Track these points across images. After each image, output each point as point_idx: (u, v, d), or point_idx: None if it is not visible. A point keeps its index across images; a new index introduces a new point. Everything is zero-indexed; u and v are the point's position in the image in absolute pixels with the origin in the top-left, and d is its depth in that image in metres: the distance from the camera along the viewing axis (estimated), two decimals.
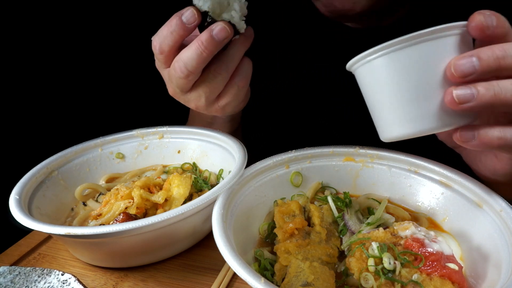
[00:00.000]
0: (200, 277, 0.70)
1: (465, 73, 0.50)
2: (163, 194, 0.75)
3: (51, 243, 0.81)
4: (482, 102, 0.49)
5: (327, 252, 0.63)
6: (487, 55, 0.49)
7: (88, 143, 0.92)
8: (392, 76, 0.55)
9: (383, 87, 0.56)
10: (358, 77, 0.61)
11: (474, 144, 0.52)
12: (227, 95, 0.75)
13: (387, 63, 0.55)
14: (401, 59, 0.54)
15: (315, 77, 1.03)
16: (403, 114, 0.55)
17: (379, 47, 0.54)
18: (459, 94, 0.50)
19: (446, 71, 0.51)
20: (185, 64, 0.67)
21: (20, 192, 0.74)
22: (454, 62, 0.51)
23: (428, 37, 0.52)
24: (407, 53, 0.53)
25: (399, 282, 0.55)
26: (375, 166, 0.79)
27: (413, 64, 0.53)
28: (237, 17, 0.68)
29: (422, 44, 0.52)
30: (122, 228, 0.61)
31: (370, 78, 0.58)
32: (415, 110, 0.54)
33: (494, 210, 0.63)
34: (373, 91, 0.59)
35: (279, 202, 0.74)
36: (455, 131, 0.54)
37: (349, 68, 0.62)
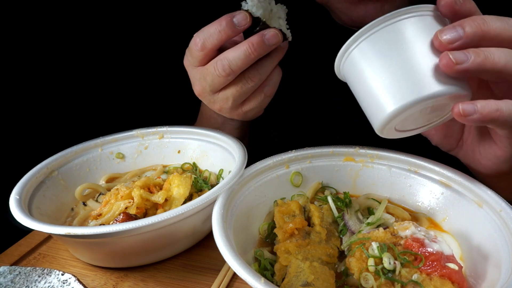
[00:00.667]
0: (200, 277, 0.70)
1: (452, 39, 0.52)
2: (163, 194, 0.75)
3: (51, 243, 0.81)
4: (475, 64, 0.51)
5: (327, 252, 0.63)
6: (469, 23, 0.52)
7: (88, 143, 0.92)
8: (377, 56, 0.56)
9: (369, 71, 0.57)
10: (346, 75, 0.62)
11: (475, 118, 0.54)
12: (253, 101, 0.78)
13: (367, 47, 0.56)
14: (379, 40, 0.55)
15: (315, 77, 1.03)
16: (394, 89, 0.55)
17: (356, 35, 0.56)
18: (456, 56, 0.52)
19: (433, 41, 0.53)
20: (229, 63, 0.69)
21: (20, 192, 0.74)
22: (440, 31, 0.53)
23: (403, 16, 0.54)
24: (384, 34, 0.55)
25: (399, 282, 0.55)
26: (375, 166, 0.79)
27: (394, 41, 0.55)
28: (284, 25, 0.72)
29: (398, 23, 0.54)
30: (122, 228, 0.61)
31: (355, 69, 0.59)
32: (405, 84, 0.54)
33: (494, 210, 0.63)
34: (361, 80, 0.58)
35: (279, 202, 0.74)
36: (456, 107, 0.54)
37: (337, 72, 0.63)
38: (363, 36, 0.56)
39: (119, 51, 1.68)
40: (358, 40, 0.56)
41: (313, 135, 1.06)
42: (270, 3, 0.70)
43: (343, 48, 0.58)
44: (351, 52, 0.58)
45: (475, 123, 0.56)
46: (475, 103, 0.54)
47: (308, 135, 1.07)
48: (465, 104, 0.54)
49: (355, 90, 0.61)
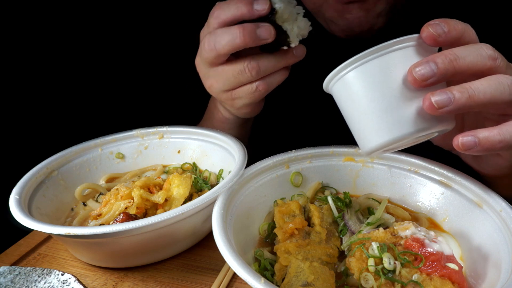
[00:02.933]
0: (200, 277, 0.70)
1: (425, 76, 0.51)
2: (163, 194, 0.75)
3: (51, 243, 0.81)
4: (459, 104, 0.51)
5: (327, 252, 0.63)
6: (441, 59, 0.51)
7: (88, 143, 0.92)
8: (364, 87, 0.56)
9: (359, 99, 0.57)
10: (335, 94, 0.62)
11: (477, 150, 0.53)
12: (242, 89, 0.76)
13: (358, 75, 0.56)
14: (370, 70, 0.55)
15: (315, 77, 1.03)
16: (380, 122, 0.56)
17: (349, 62, 0.56)
18: (437, 99, 0.51)
19: (408, 77, 0.53)
20: (215, 41, 0.69)
21: (20, 192, 0.74)
22: (413, 68, 0.52)
23: (392, 48, 0.54)
24: (375, 64, 0.55)
25: (399, 282, 0.55)
26: (375, 166, 0.79)
27: (382, 74, 0.55)
28: (295, 32, 0.70)
29: (387, 55, 0.54)
30: (122, 228, 0.61)
31: (345, 93, 0.59)
32: (391, 118, 0.55)
33: (494, 210, 0.63)
34: (350, 104, 0.60)
35: (279, 202, 0.74)
36: (456, 140, 0.53)
37: (325, 88, 0.63)
38: (356, 63, 0.56)
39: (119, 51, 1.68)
40: (351, 66, 0.56)
41: (313, 135, 1.06)
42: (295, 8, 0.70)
43: (336, 69, 0.59)
44: (343, 75, 0.58)
45: (479, 154, 0.55)
46: (475, 135, 0.52)
47: (308, 135, 1.07)
48: (465, 137, 0.53)
49: (343, 110, 0.62)
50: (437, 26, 0.53)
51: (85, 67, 1.64)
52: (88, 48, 1.63)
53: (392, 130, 0.55)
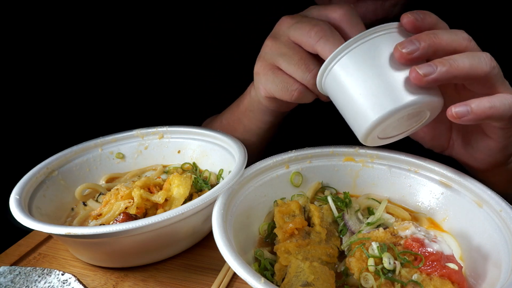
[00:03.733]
0: (200, 277, 0.70)
1: (410, 50, 0.56)
2: (163, 194, 0.75)
3: (51, 243, 0.81)
4: (442, 73, 0.55)
5: (327, 252, 0.63)
6: (422, 36, 0.57)
7: (88, 143, 0.92)
8: (351, 74, 0.60)
9: (348, 87, 0.61)
10: (328, 91, 0.65)
11: (470, 118, 0.56)
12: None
13: (344, 65, 0.61)
14: (354, 58, 0.60)
15: None
16: (371, 102, 0.59)
17: (333, 55, 0.60)
18: (423, 69, 0.55)
19: (394, 54, 0.57)
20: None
21: (20, 192, 0.74)
22: (399, 45, 0.57)
23: (374, 35, 0.59)
24: (358, 51, 0.59)
25: (399, 282, 0.55)
26: (375, 166, 0.79)
27: (366, 59, 0.59)
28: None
29: (369, 41, 0.59)
30: (122, 228, 0.61)
31: (335, 85, 0.63)
32: (381, 96, 0.58)
33: (494, 210, 0.63)
34: (342, 95, 0.62)
35: (279, 202, 0.74)
36: (449, 110, 0.57)
37: (319, 88, 0.66)
38: (342, 53, 0.60)
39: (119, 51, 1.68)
40: (338, 57, 0.60)
41: (313, 135, 1.06)
42: None
43: (324, 64, 0.62)
44: (332, 68, 0.62)
45: (470, 123, 0.58)
46: (468, 104, 0.56)
47: (308, 135, 1.06)
48: (458, 106, 0.57)
49: (337, 103, 0.65)
50: (415, 14, 0.59)
51: (85, 67, 1.64)
52: (88, 48, 1.63)
53: (383, 106, 0.58)
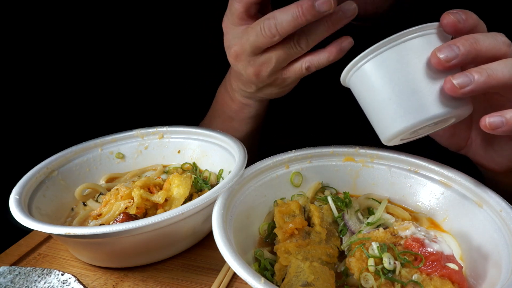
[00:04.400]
0: (200, 277, 0.70)
1: (449, 57, 0.54)
2: (163, 194, 0.75)
3: (51, 243, 0.81)
4: (479, 84, 0.53)
5: (327, 252, 0.63)
6: (461, 42, 0.54)
7: (88, 143, 0.92)
8: (383, 76, 0.58)
9: (377, 88, 0.59)
10: (353, 87, 0.63)
11: (504, 129, 0.55)
12: (293, 69, 0.72)
13: (376, 66, 0.58)
14: (387, 60, 0.57)
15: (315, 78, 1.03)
16: (401, 108, 0.57)
17: (365, 53, 0.58)
18: (458, 80, 0.53)
19: (431, 60, 0.55)
20: (276, 24, 0.65)
21: (20, 192, 0.74)
22: (436, 51, 0.55)
23: (409, 36, 0.56)
24: (393, 53, 0.57)
25: (399, 282, 0.55)
26: (375, 166, 0.79)
27: (400, 62, 0.57)
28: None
29: (404, 44, 0.56)
30: (122, 228, 0.61)
31: (363, 84, 0.61)
32: (412, 103, 0.56)
33: (494, 210, 0.63)
34: (369, 95, 0.61)
35: (279, 202, 0.74)
36: (483, 120, 0.55)
37: (342, 81, 0.64)
38: (376, 52, 0.57)
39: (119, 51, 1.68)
40: (371, 55, 0.58)
41: (313, 135, 1.06)
42: None
43: (354, 60, 0.60)
44: (362, 65, 0.59)
45: (504, 134, 0.56)
46: (502, 115, 0.54)
47: (308, 135, 1.07)
48: (492, 117, 0.55)
49: (362, 102, 0.63)
50: (457, 14, 0.56)
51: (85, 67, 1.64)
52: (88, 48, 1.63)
53: (413, 114, 0.56)
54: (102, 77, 1.68)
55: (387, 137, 0.61)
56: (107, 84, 1.69)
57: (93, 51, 1.65)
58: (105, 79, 1.68)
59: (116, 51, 1.68)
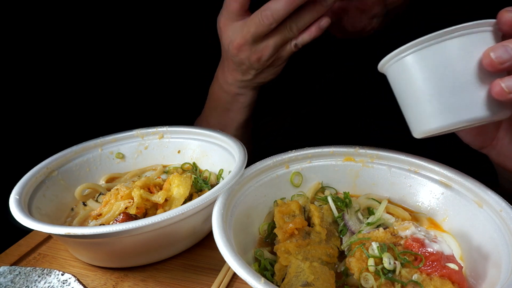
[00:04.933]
0: (200, 277, 0.70)
1: (503, 59, 0.51)
2: (163, 194, 0.75)
3: (51, 243, 0.81)
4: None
5: (327, 252, 0.63)
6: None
7: (88, 143, 0.92)
8: (426, 71, 0.56)
9: (419, 81, 0.57)
10: (390, 76, 0.62)
11: None
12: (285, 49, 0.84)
13: (419, 59, 0.56)
14: (434, 54, 0.55)
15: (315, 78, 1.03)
16: (442, 105, 0.55)
17: (410, 45, 0.56)
18: (508, 83, 0.51)
19: (483, 61, 0.53)
20: (272, 13, 0.76)
21: (20, 192, 0.74)
22: (490, 51, 0.52)
23: (459, 32, 0.53)
24: (439, 49, 0.54)
25: (399, 282, 0.55)
26: (375, 166, 0.79)
27: (445, 58, 0.54)
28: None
29: (453, 40, 0.53)
30: (122, 228, 0.61)
31: (402, 75, 0.59)
32: (454, 102, 0.55)
33: (494, 210, 0.63)
34: (408, 86, 0.59)
35: (279, 202, 0.74)
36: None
37: (380, 68, 0.63)
38: (419, 46, 0.55)
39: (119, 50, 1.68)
40: (413, 49, 0.56)
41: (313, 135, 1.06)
42: None
43: (398, 50, 0.58)
44: (403, 57, 0.57)
45: None
46: None
47: (308, 135, 1.07)
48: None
49: (398, 92, 0.62)
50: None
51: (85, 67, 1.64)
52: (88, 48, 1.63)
53: (455, 114, 0.55)
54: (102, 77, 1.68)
55: (422, 131, 0.59)
56: (107, 84, 1.69)
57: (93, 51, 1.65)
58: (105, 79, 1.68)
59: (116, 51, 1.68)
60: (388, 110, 1.00)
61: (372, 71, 0.99)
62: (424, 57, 0.55)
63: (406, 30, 0.94)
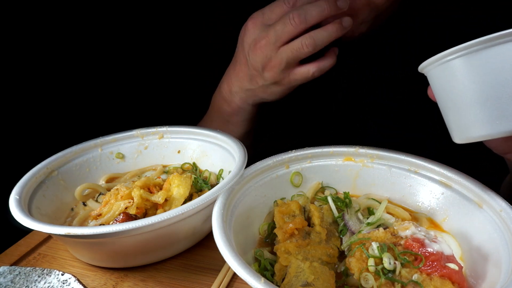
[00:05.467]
0: (200, 277, 0.70)
1: None
2: (163, 194, 0.75)
3: (51, 243, 0.81)
4: None
5: (327, 252, 0.63)
6: None
7: (88, 143, 0.92)
8: (475, 76, 0.53)
9: (464, 87, 0.54)
10: (432, 78, 0.60)
11: None
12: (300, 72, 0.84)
13: (468, 64, 0.53)
14: (484, 60, 0.52)
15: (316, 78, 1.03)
16: (487, 113, 0.53)
17: (458, 48, 0.53)
18: None
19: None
20: (306, 13, 0.78)
21: (20, 192, 0.74)
22: None
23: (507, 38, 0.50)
24: (491, 54, 0.51)
25: (399, 282, 0.55)
26: (375, 166, 0.79)
27: (494, 64, 0.51)
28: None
29: (505, 45, 0.50)
30: (122, 228, 0.61)
31: (447, 78, 0.57)
32: (499, 110, 0.52)
33: (494, 210, 0.63)
34: (451, 91, 0.57)
35: (279, 202, 0.74)
36: None
37: (421, 69, 0.61)
38: (467, 50, 0.52)
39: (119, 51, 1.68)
40: (461, 52, 0.53)
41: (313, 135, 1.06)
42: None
43: (443, 53, 0.55)
44: (449, 61, 0.55)
45: None
46: None
47: (308, 135, 1.07)
48: None
49: (441, 96, 0.59)
50: None
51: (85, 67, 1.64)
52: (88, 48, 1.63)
53: (500, 125, 0.52)
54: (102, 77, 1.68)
55: (465, 137, 0.57)
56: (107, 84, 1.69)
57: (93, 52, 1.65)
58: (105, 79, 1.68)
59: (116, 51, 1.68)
60: (385, 109, 1.00)
61: (369, 69, 1.00)
62: (474, 62, 0.52)
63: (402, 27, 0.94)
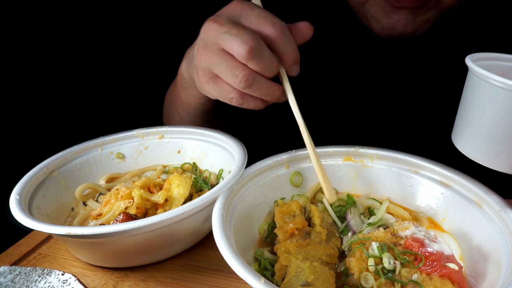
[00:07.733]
0: (200, 277, 0.70)
1: None
2: (163, 194, 0.75)
3: (51, 243, 0.81)
4: None
5: (327, 252, 0.63)
6: None
7: (88, 143, 0.92)
8: (506, 111, 0.50)
9: (493, 115, 0.52)
10: (470, 81, 0.56)
11: None
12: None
13: (508, 99, 0.50)
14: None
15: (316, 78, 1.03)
16: (502, 150, 0.52)
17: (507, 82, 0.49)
18: None
19: None
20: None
21: (21, 192, 0.74)
22: None
23: None
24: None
25: (399, 282, 0.55)
26: (375, 166, 0.79)
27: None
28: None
29: None
30: (122, 228, 0.61)
31: (483, 96, 0.54)
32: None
33: (494, 210, 0.63)
34: (479, 108, 0.54)
35: (280, 202, 0.74)
36: None
37: (468, 62, 0.57)
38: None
39: (119, 51, 1.68)
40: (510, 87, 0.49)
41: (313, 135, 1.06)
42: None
43: (492, 75, 0.51)
44: (496, 85, 0.50)
45: None
46: None
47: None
48: None
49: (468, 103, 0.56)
50: None
51: (85, 67, 1.64)
52: (88, 48, 1.64)
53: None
54: (102, 77, 1.68)
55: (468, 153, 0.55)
56: (107, 84, 1.69)
57: (93, 52, 1.65)
58: (105, 79, 1.68)
59: (116, 51, 1.68)
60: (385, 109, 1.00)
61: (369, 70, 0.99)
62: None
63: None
